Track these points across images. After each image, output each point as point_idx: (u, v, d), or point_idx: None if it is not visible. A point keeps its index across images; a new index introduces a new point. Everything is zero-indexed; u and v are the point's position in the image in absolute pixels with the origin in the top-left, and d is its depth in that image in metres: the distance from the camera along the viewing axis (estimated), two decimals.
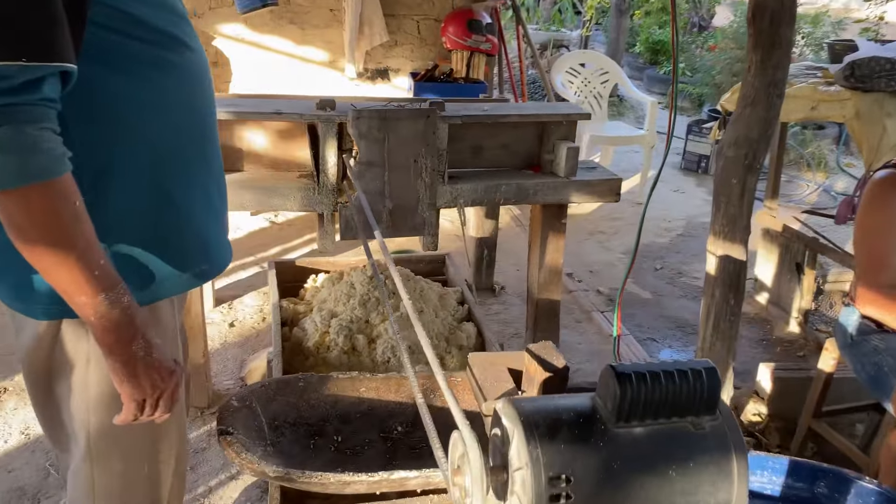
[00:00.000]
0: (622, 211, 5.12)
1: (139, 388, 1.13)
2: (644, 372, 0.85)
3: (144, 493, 1.38)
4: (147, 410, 1.17)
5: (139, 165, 1.18)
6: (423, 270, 2.88)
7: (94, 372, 1.22)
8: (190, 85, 1.24)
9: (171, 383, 1.18)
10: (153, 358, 1.14)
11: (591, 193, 2.53)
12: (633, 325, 3.45)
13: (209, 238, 1.36)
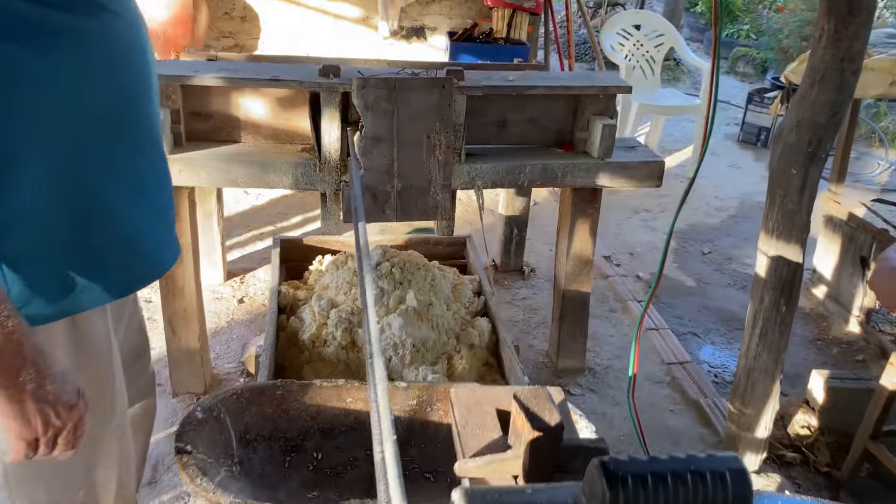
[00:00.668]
0: (670, 187, 4.76)
1: (28, 427, 0.94)
2: (645, 472, 0.62)
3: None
4: (42, 450, 0.98)
5: (44, 153, 0.97)
6: (442, 254, 2.64)
7: None
8: (110, 55, 1.01)
9: (72, 419, 0.99)
10: (47, 391, 0.94)
11: (628, 177, 2.25)
12: (672, 316, 3.17)
13: (143, 237, 1.15)
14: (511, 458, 0.98)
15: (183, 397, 2.44)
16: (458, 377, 1.98)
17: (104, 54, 1.00)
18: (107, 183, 1.05)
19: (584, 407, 2.48)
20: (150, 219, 1.15)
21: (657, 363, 2.77)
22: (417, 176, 2.07)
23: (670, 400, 2.57)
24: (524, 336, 2.89)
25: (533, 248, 3.59)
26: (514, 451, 0.98)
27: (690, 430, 2.42)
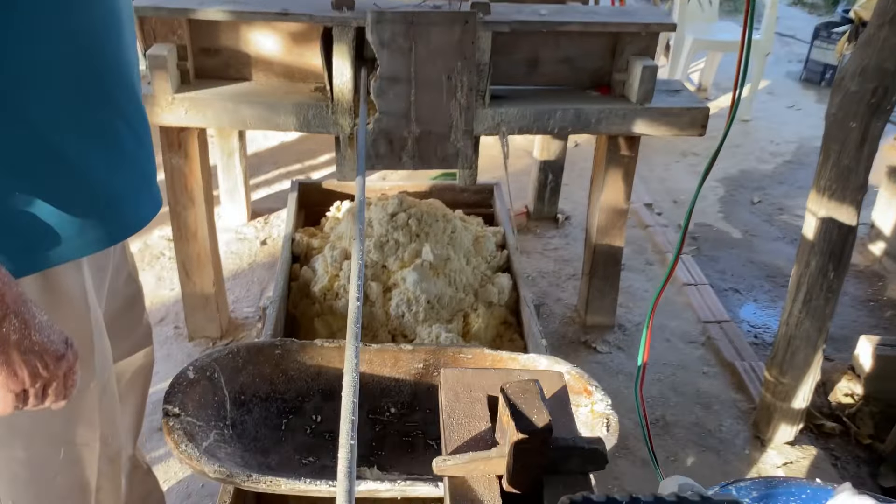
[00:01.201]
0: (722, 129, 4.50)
1: (14, 378, 0.89)
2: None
3: (66, 481, 1.19)
4: (31, 401, 0.93)
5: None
6: (468, 202, 2.51)
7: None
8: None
9: (61, 369, 0.94)
10: (32, 341, 0.89)
11: (669, 125, 2.06)
12: (713, 270, 3.00)
13: (117, 191, 1.06)
14: (495, 458, 0.88)
15: (199, 341, 2.40)
16: (474, 336, 1.88)
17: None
18: (67, 135, 0.96)
19: (610, 366, 2.37)
20: (126, 176, 1.07)
21: (692, 321, 2.63)
22: (437, 120, 1.93)
23: (703, 361, 2.43)
24: (553, 289, 2.77)
25: (570, 194, 3.43)
26: (498, 450, 0.88)
27: (723, 394, 2.29)
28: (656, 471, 1.01)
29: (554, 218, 3.22)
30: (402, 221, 2.00)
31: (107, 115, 1.03)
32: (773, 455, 2.07)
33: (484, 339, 1.89)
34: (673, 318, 2.64)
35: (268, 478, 1.25)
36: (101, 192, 1.04)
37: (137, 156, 1.11)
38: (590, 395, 1.48)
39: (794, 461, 2.06)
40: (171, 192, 2.11)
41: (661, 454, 2.06)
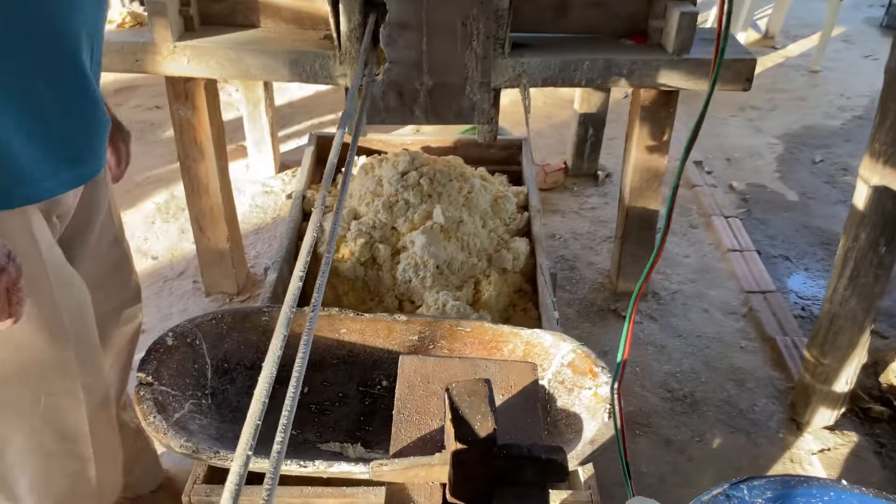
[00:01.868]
0: (789, 80, 4.19)
1: None
2: None
3: (54, 427, 1.22)
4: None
5: None
6: (494, 158, 2.37)
7: None
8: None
9: (0, 283, 0.91)
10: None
11: (707, 77, 1.86)
12: (763, 235, 2.79)
13: (20, 160, 1.00)
14: (437, 465, 0.78)
15: (216, 297, 2.37)
16: (484, 304, 1.77)
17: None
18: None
19: (640, 336, 2.23)
20: (41, 146, 1.00)
21: (734, 291, 2.45)
22: (451, 71, 1.79)
23: (742, 335, 2.26)
24: (585, 252, 2.62)
25: (614, 149, 3.24)
26: (442, 457, 0.78)
27: (759, 371, 2.13)
28: (627, 487, 0.90)
29: (594, 175, 3.05)
30: (412, 180, 1.89)
31: (35, 88, 0.97)
32: (808, 440, 1.92)
33: (495, 308, 1.78)
34: (713, 286, 2.47)
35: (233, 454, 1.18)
36: (12, 165, 0.99)
37: (62, 125, 1.04)
38: (595, 377, 1.36)
39: (833, 448, 1.90)
40: (179, 145, 2.04)
41: (686, 434, 1.93)
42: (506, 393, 0.89)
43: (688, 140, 0.80)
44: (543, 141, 3.39)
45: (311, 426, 1.40)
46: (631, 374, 2.11)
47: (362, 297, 1.83)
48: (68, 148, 1.09)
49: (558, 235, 2.70)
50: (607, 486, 1.79)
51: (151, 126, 3.42)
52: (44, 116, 1.00)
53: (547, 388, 1.41)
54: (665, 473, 1.84)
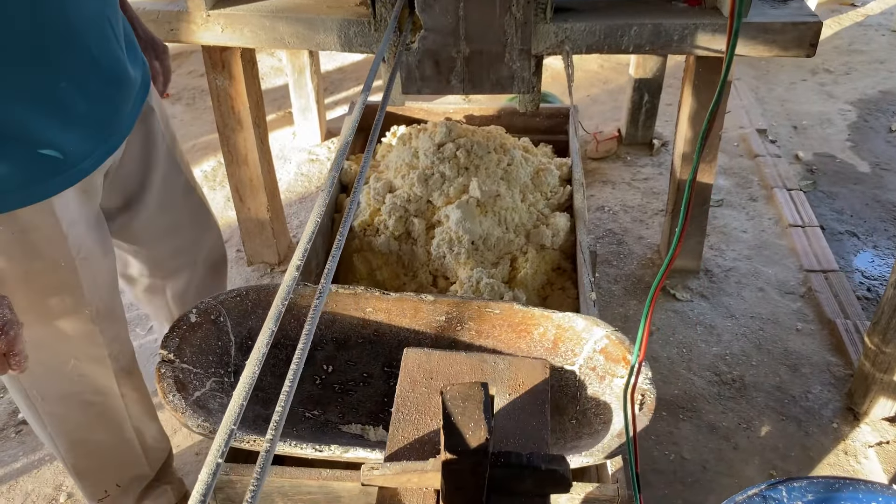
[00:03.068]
0: (867, 41, 3.91)
1: None
2: None
3: (85, 383, 1.32)
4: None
5: None
6: (540, 127, 2.28)
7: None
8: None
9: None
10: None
11: (768, 44, 1.73)
12: (829, 209, 2.62)
13: (65, 148, 1.05)
14: (431, 471, 0.73)
15: (258, 266, 2.37)
16: (520, 283, 1.71)
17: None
18: (10, 105, 0.91)
19: (689, 315, 2.14)
20: (76, 133, 1.05)
21: (793, 269, 2.32)
22: (489, 38, 1.71)
23: (799, 316, 2.14)
24: (635, 225, 2.52)
25: (670, 116, 3.09)
26: (435, 463, 0.73)
27: (816, 356, 2.02)
28: (636, 500, 0.83)
29: (648, 144, 2.92)
30: (449, 153, 1.83)
31: (48, 78, 0.97)
32: (865, 431, 1.81)
33: (531, 287, 1.72)
34: (771, 263, 2.34)
35: (252, 436, 1.17)
36: (45, 149, 0.99)
37: (90, 114, 1.05)
38: (628, 365, 1.29)
39: (892, 441, 1.79)
40: (217, 114, 2.03)
41: (733, 420, 1.85)
42: (513, 392, 0.84)
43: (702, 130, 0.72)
44: (598, 108, 3.26)
45: (334, 406, 1.38)
46: (677, 355, 2.03)
47: (396, 271, 1.79)
48: (101, 129, 1.13)
49: (608, 207, 2.60)
50: (645, 472, 1.73)
51: (202, 93, 3.43)
52: (73, 111, 1.03)
53: (578, 375, 1.35)
54: (708, 461, 1.76)
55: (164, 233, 1.46)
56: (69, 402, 1.33)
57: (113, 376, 1.35)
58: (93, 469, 1.45)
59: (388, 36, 1.48)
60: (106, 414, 1.38)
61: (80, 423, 1.37)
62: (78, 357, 1.28)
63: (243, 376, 0.70)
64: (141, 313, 2.18)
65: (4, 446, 1.82)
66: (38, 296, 1.16)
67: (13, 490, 1.72)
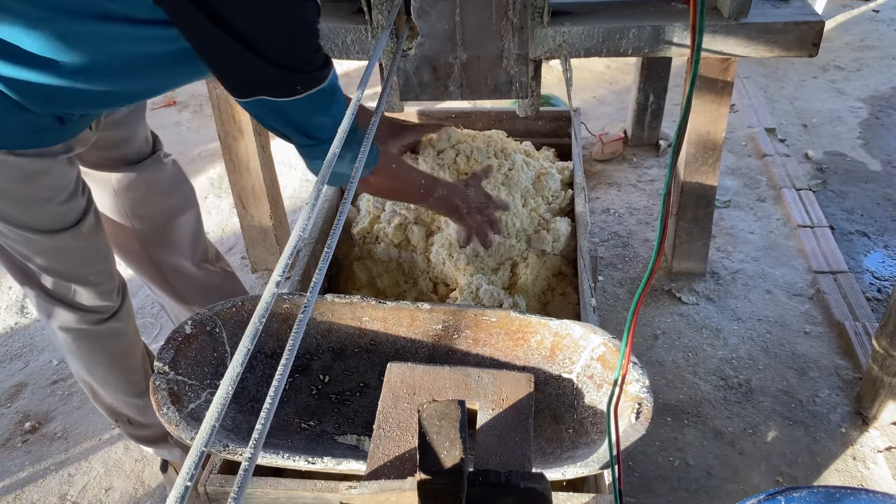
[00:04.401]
0: (880, 37, 3.86)
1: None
2: None
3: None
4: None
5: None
6: (542, 130, 2.27)
7: None
8: None
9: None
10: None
11: (769, 44, 1.71)
12: (839, 209, 2.59)
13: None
14: (408, 490, 0.73)
15: (262, 274, 2.38)
16: (520, 289, 1.70)
17: None
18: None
19: (695, 319, 2.12)
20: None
21: (801, 270, 2.29)
22: (486, 43, 1.70)
23: (807, 319, 2.11)
24: (641, 228, 2.50)
25: (677, 117, 3.06)
26: (412, 482, 0.73)
27: (824, 359, 1.99)
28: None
29: (655, 145, 2.89)
30: (449, 159, 1.82)
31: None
32: (874, 436, 1.78)
33: (531, 293, 1.71)
34: (779, 265, 2.31)
35: (243, 448, 1.17)
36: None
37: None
38: (625, 375, 1.28)
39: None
40: (219, 122, 2.04)
41: (738, 426, 1.82)
42: (497, 407, 0.83)
43: (675, 136, 0.71)
44: (604, 109, 3.24)
45: (330, 417, 1.38)
46: (683, 359, 2.01)
47: (396, 279, 1.79)
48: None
49: (613, 210, 2.58)
50: (649, 479, 1.71)
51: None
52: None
53: (575, 383, 1.34)
54: (713, 467, 1.74)
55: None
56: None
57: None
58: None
59: (382, 42, 1.47)
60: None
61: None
62: (90, 261, 1.40)
63: (217, 397, 0.69)
64: (146, 322, 2.20)
65: (11, 456, 1.83)
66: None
67: (19, 499, 1.73)
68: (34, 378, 2.04)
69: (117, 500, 1.72)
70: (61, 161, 1.26)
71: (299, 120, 1.20)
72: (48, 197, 1.26)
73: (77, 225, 1.32)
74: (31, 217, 1.27)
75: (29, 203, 1.25)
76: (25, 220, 1.27)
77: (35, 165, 1.22)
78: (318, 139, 1.24)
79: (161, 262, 1.62)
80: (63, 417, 1.92)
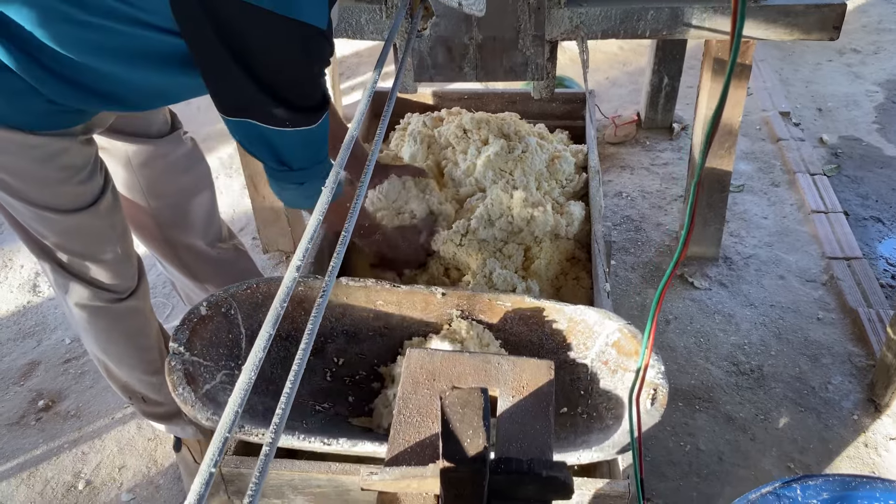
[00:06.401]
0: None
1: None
2: None
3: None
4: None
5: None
6: (556, 112, 2.25)
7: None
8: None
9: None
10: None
11: (789, 27, 1.69)
12: (853, 195, 2.57)
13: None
14: (431, 477, 0.73)
15: (273, 254, 2.38)
16: (534, 273, 1.69)
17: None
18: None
19: (707, 304, 2.11)
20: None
21: (815, 256, 2.27)
22: (502, 23, 1.68)
23: (821, 305, 2.10)
24: (654, 212, 2.48)
25: (692, 100, 3.02)
26: (434, 469, 0.73)
27: (837, 345, 1.98)
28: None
29: (668, 128, 2.87)
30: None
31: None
32: (887, 424, 1.77)
33: (545, 277, 1.70)
34: (792, 251, 2.30)
35: (260, 430, 1.18)
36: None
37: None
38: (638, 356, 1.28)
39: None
40: None
41: (750, 412, 1.82)
42: (517, 394, 0.83)
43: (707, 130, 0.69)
44: (617, 91, 3.21)
45: (343, 400, 1.38)
46: (695, 344, 2.00)
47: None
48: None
49: (626, 193, 2.57)
50: (660, 464, 1.72)
51: None
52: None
53: (590, 368, 1.33)
54: (724, 452, 1.74)
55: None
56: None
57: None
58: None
59: (397, 22, 1.46)
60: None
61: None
62: (108, 239, 1.41)
63: (239, 382, 0.69)
64: (158, 301, 2.20)
65: (25, 434, 1.85)
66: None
67: (33, 477, 1.75)
68: (47, 356, 2.05)
69: (130, 478, 1.74)
70: (80, 141, 1.26)
71: (280, 149, 1.17)
72: (67, 177, 1.26)
73: (95, 204, 1.32)
74: (51, 196, 1.27)
75: (48, 183, 1.25)
76: (45, 200, 1.27)
77: (55, 145, 1.21)
78: (293, 168, 1.21)
79: (175, 241, 1.62)
80: (76, 396, 1.94)
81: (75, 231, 1.33)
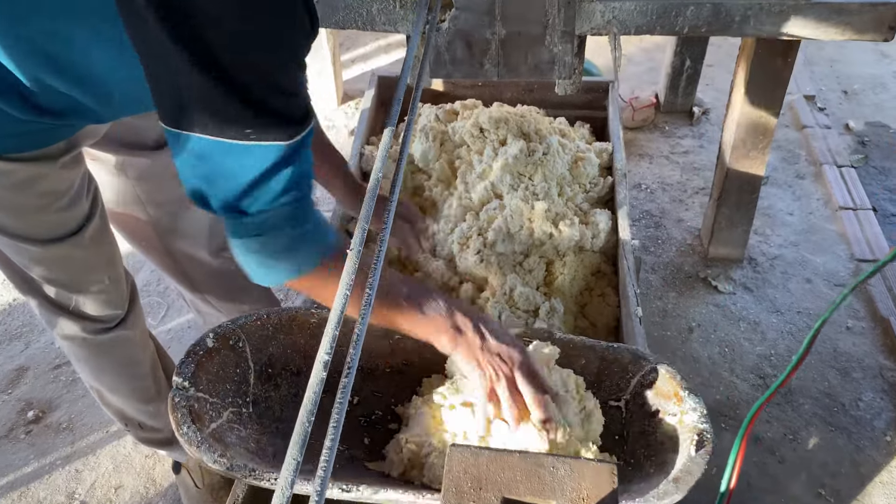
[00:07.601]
0: None
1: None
2: None
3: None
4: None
5: None
6: (577, 103, 2.11)
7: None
8: None
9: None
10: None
11: (842, 26, 1.55)
12: (882, 188, 2.45)
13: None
14: None
15: None
16: (557, 290, 1.58)
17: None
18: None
19: (732, 310, 2.02)
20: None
21: (844, 258, 2.17)
22: (528, 18, 1.53)
23: (850, 313, 2.01)
24: (674, 206, 2.36)
25: (713, 79, 2.89)
26: None
27: (868, 358, 1.89)
28: None
29: (689, 112, 2.73)
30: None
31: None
32: None
33: (568, 294, 1.59)
34: (819, 251, 2.19)
35: (273, 474, 1.08)
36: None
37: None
38: (680, 402, 1.19)
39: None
40: None
41: (778, 431, 1.74)
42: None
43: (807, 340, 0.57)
44: (633, 68, 3.06)
45: (358, 442, 1.28)
46: (719, 355, 1.91)
47: (420, 282, 1.67)
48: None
49: (644, 185, 2.44)
50: None
51: None
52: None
53: (624, 413, 1.24)
54: (752, 476, 1.66)
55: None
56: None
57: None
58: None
59: (421, 14, 1.31)
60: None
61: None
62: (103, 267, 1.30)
63: (298, 426, 0.59)
64: (152, 301, 2.08)
65: (14, 448, 1.75)
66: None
67: (25, 497, 1.65)
68: (36, 361, 1.94)
69: (128, 499, 1.65)
70: (61, 163, 1.12)
71: (233, 176, 0.80)
72: (45, 204, 1.13)
73: (79, 232, 1.19)
74: (27, 226, 1.14)
75: (23, 212, 1.12)
76: (20, 230, 1.14)
77: (29, 171, 1.07)
78: (248, 211, 0.84)
79: (176, 250, 1.50)
80: (68, 406, 1.83)
81: (57, 262, 1.20)
